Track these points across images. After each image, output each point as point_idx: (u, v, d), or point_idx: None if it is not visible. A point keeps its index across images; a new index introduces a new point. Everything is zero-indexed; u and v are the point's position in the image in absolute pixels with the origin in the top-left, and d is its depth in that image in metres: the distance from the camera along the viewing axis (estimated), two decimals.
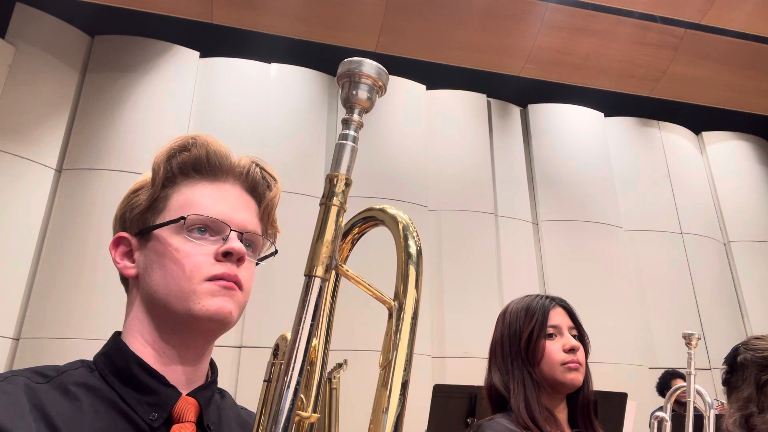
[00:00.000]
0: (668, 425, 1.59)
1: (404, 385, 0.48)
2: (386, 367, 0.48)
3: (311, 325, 0.46)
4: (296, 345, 0.46)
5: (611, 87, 6.08)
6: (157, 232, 0.73)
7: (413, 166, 5.15)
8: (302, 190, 4.71)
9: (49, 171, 4.35)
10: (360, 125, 0.51)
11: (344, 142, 0.50)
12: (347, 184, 0.50)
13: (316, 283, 0.47)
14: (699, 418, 1.58)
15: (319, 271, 0.48)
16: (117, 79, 4.74)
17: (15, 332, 3.95)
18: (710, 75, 5.95)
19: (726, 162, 6.13)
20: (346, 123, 0.51)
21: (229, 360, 4.16)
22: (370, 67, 0.51)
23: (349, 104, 0.51)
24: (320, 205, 0.50)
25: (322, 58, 5.39)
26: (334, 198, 0.49)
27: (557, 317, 1.38)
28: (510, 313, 1.42)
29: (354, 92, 0.51)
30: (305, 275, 0.48)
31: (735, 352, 1.60)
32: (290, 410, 0.44)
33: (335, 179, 0.50)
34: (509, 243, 5.22)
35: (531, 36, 5.57)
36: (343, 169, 0.50)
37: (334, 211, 0.49)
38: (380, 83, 0.51)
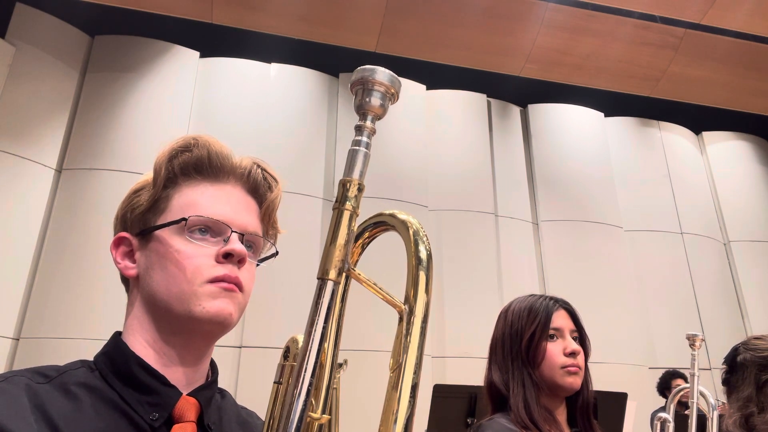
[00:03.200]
0: (671, 426, 1.59)
1: (414, 388, 0.49)
2: (396, 369, 0.49)
3: (324, 328, 0.47)
4: (309, 348, 0.46)
5: (611, 87, 6.08)
6: (158, 232, 0.73)
7: (413, 166, 5.15)
8: (302, 190, 4.71)
9: (49, 171, 4.35)
10: (373, 132, 0.52)
11: (357, 148, 0.52)
12: (360, 190, 0.51)
13: (329, 287, 0.48)
14: (702, 419, 1.58)
15: (332, 274, 0.49)
16: (117, 79, 4.74)
17: (15, 332, 3.95)
18: (710, 75, 5.96)
19: (726, 162, 6.13)
20: (359, 129, 0.52)
21: (229, 360, 4.16)
22: (383, 74, 0.52)
23: (362, 111, 0.52)
24: (333, 209, 0.51)
25: (322, 58, 5.39)
26: (347, 203, 0.50)
27: (560, 319, 1.37)
28: (512, 311, 1.42)
29: (367, 99, 0.52)
30: (318, 278, 0.49)
31: (735, 352, 1.60)
32: (302, 412, 0.45)
33: (348, 184, 0.51)
34: (509, 243, 5.23)
35: (531, 36, 5.57)
36: (356, 175, 0.51)
37: (346, 215, 0.50)
38: (393, 90, 0.53)
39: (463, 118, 5.56)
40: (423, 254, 0.53)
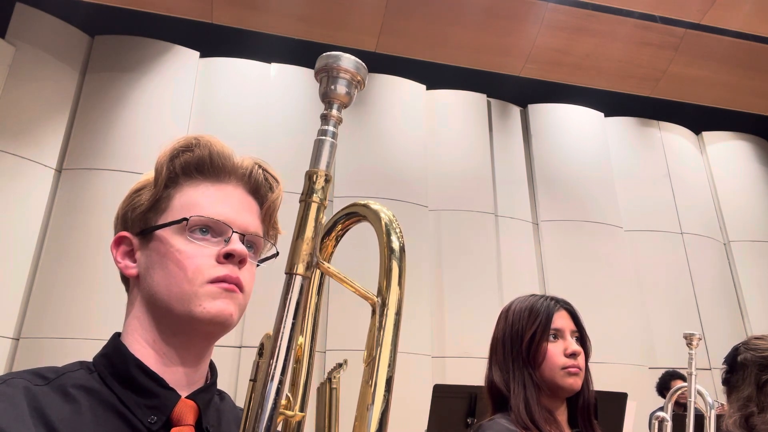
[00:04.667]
0: (669, 425, 1.59)
1: (388, 382, 0.47)
2: (370, 363, 0.48)
3: (293, 323, 0.46)
4: (278, 343, 0.45)
5: (611, 87, 6.08)
6: (159, 232, 0.73)
7: (413, 166, 5.15)
8: (301, 190, 4.71)
9: (49, 171, 4.35)
10: (339, 120, 0.51)
11: (323, 138, 0.50)
12: (327, 181, 0.50)
13: (297, 281, 0.47)
14: (700, 419, 1.58)
15: (300, 268, 0.47)
16: (117, 79, 4.74)
17: (15, 332, 3.95)
18: (710, 75, 5.95)
19: (726, 162, 6.13)
20: (324, 118, 0.51)
21: (229, 360, 4.16)
22: (348, 61, 0.50)
23: (327, 99, 0.51)
24: (300, 202, 0.49)
25: None
26: (314, 195, 0.49)
27: (560, 320, 1.37)
28: (513, 311, 1.41)
29: (332, 87, 0.50)
30: (286, 273, 0.47)
31: (735, 352, 1.60)
32: (273, 409, 0.44)
33: (315, 176, 0.49)
34: (509, 243, 5.22)
35: (531, 36, 5.57)
36: (322, 165, 0.49)
37: (314, 207, 0.49)
38: (359, 78, 0.51)
39: (463, 118, 5.55)
40: (395, 245, 0.52)
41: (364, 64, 0.51)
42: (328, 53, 0.51)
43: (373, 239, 0.54)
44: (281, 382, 0.45)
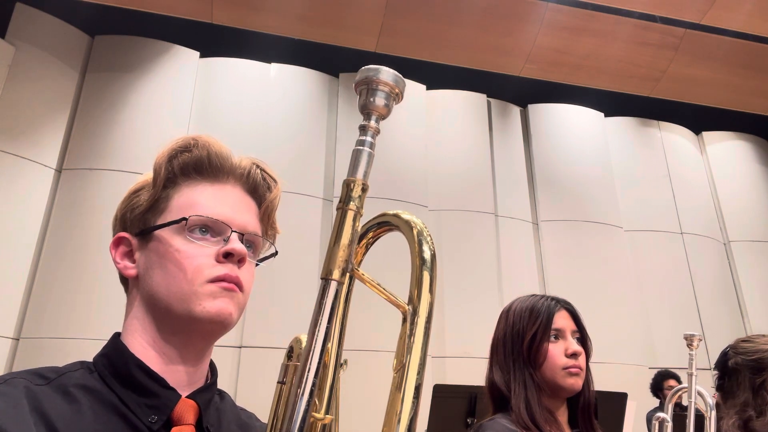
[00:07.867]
0: (669, 426, 1.59)
1: (417, 389, 0.48)
2: (400, 370, 0.49)
3: (327, 328, 0.47)
4: (312, 348, 0.46)
5: (611, 87, 6.08)
6: (158, 232, 0.73)
7: (413, 166, 5.15)
8: (302, 190, 4.71)
9: (49, 171, 4.35)
10: (377, 131, 0.52)
11: (361, 148, 0.52)
12: (364, 190, 0.51)
13: (332, 287, 0.48)
14: (700, 419, 1.58)
15: (336, 274, 0.48)
16: (117, 79, 4.74)
17: (15, 332, 3.95)
18: (710, 75, 5.95)
19: (726, 162, 6.13)
20: (363, 129, 0.52)
21: (229, 360, 4.16)
22: (387, 74, 0.52)
23: (366, 111, 0.52)
24: (337, 209, 0.51)
25: (322, 58, 5.38)
26: (351, 203, 0.50)
27: (561, 320, 1.37)
28: (514, 312, 1.41)
29: (371, 99, 0.52)
30: (321, 278, 0.49)
31: (725, 357, 1.59)
32: (306, 412, 0.45)
33: (352, 184, 0.51)
34: (509, 243, 5.22)
35: (531, 36, 5.57)
36: (360, 175, 0.51)
37: (350, 215, 0.50)
38: (397, 90, 0.53)
39: (463, 118, 5.55)
40: (427, 254, 0.53)
41: (402, 77, 0.53)
42: (368, 66, 0.52)
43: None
44: (314, 386, 0.46)
